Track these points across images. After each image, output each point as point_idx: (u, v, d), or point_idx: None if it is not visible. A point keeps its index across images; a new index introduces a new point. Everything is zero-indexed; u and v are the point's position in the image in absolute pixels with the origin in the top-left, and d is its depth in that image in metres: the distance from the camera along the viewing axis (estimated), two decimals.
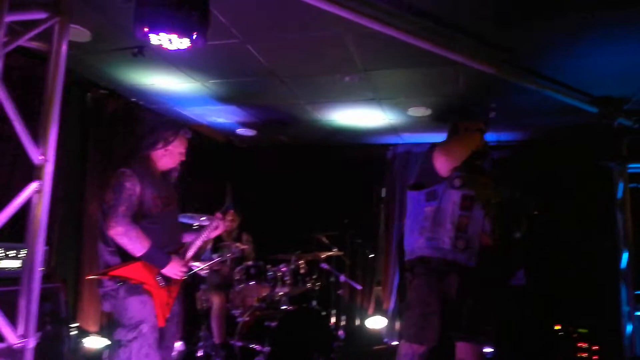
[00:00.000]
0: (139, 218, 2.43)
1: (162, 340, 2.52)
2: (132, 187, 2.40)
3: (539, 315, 4.65)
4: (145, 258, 2.41)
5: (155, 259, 2.45)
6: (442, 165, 2.68)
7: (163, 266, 2.47)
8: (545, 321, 4.49)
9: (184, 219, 3.22)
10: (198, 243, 2.69)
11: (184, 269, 2.56)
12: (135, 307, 2.38)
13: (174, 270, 2.50)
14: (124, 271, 2.38)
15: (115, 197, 2.36)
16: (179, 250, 2.63)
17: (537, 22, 2.74)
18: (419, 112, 4.51)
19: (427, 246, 2.67)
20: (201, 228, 2.83)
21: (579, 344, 4.22)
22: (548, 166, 5.10)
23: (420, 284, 2.67)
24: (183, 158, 2.70)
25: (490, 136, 5.36)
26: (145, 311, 2.40)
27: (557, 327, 4.37)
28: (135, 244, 2.37)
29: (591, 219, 4.77)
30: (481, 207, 2.68)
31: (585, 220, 4.80)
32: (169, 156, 2.63)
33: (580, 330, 4.26)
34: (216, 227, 2.75)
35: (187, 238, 2.80)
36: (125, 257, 2.41)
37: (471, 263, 2.62)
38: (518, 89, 3.67)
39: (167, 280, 2.52)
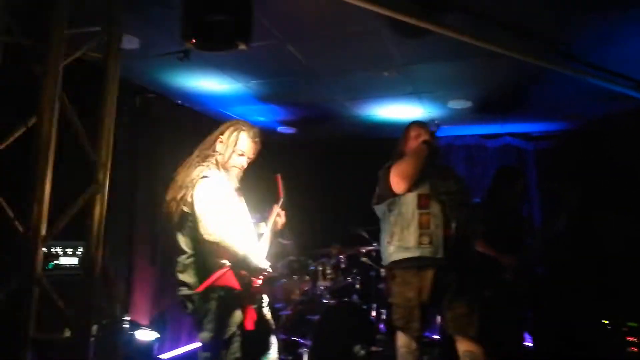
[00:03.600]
0: (226, 224, 2.41)
1: (254, 342, 2.52)
2: (216, 194, 2.40)
3: (585, 309, 4.55)
4: (239, 264, 2.42)
5: (247, 264, 2.45)
6: (399, 187, 2.86)
7: (254, 271, 2.48)
8: (592, 315, 4.39)
9: None
10: (268, 240, 2.70)
11: (269, 271, 2.56)
12: (225, 314, 2.39)
13: (261, 273, 2.52)
14: (223, 280, 2.39)
15: (204, 207, 2.35)
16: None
17: (577, 9, 2.68)
18: (459, 104, 4.47)
19: (396, 251, 2.88)
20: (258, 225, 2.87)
21: (628, 338, 4.11)
22: (595, 156, 4.96)
23: (397, 281, 2.91)
24: (244, 158, 2.64)
25: (535, 127, 5.29)
26: (235, 317, 2.41)
27: (605, 321, 4.26)
28: (231, 251, 2.38)
29: None
30: (437, 202, 2.82)
31: (635, 210, 4.65)
32: (231, 156, 2.59)
33: (630, 324, 4.15)
34: (278, 221, 2.78)
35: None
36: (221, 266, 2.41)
37: (438, 255, 2.76)
38: (560, 78, 3.60)
39: (252, 283, 2.52)
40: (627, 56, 3.25)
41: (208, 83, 4.07)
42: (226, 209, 2.46)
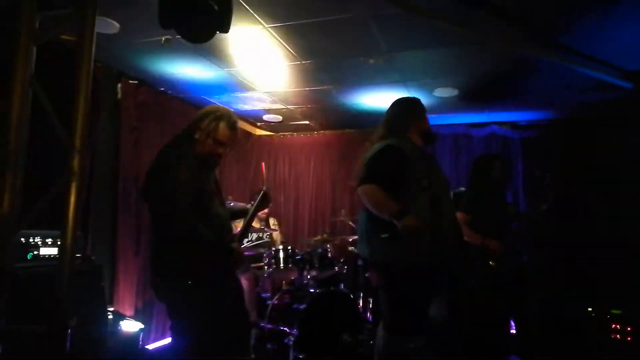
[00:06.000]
0: (197, 212, 2.37)
1: (227, 330, 2.51)
2: (188, 181, 2.33)
3: (571, 297, 4.59)
4: (211, 254, 2.40)
5: (220, 253, 2.44)
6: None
7: (228, 260, 2.47)
8: (577, 302, 4.43)
9: None
10: (245, 227, 2.67)
11: (243, 260, 2.58)
12: (201, 302, 2.36)
13: (236, 262, 2.52)
14: (198, 269, 2.37)
15: (173, 193, 2.28)
16: (233, 239, 2.57)
17: None
18: (445, 92, 4.46)
19: (393, 247, 2.63)
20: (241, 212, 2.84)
21: (612, 325, 4.16)
22: (581, 144, 4.98)
23: (398, 282, 2.68)
24: (224, 146, 2.55)
25: (521, 115, 5.29)
26: (210, 305, 2.38)
27: (590, 309, 4.31)
28: (202, 241, 2.35)
29: (626, 198, 4.66)
30: (430, 196, 2.65)
31: (620, 198, 4.69)
32: (210, 144, 2.49)
33: (614, 311, 4.19)
34: (260, 208, 2.77)
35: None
36: (189, 253, 2.37)
37: (439, 253, 2.61)
38: (547, 66, 3.59)
39: (230, 271, 2.54)
40: (615, 45, 3.24)
41: (191, 69, 4.00)
42: (199, 198, 2.41)
